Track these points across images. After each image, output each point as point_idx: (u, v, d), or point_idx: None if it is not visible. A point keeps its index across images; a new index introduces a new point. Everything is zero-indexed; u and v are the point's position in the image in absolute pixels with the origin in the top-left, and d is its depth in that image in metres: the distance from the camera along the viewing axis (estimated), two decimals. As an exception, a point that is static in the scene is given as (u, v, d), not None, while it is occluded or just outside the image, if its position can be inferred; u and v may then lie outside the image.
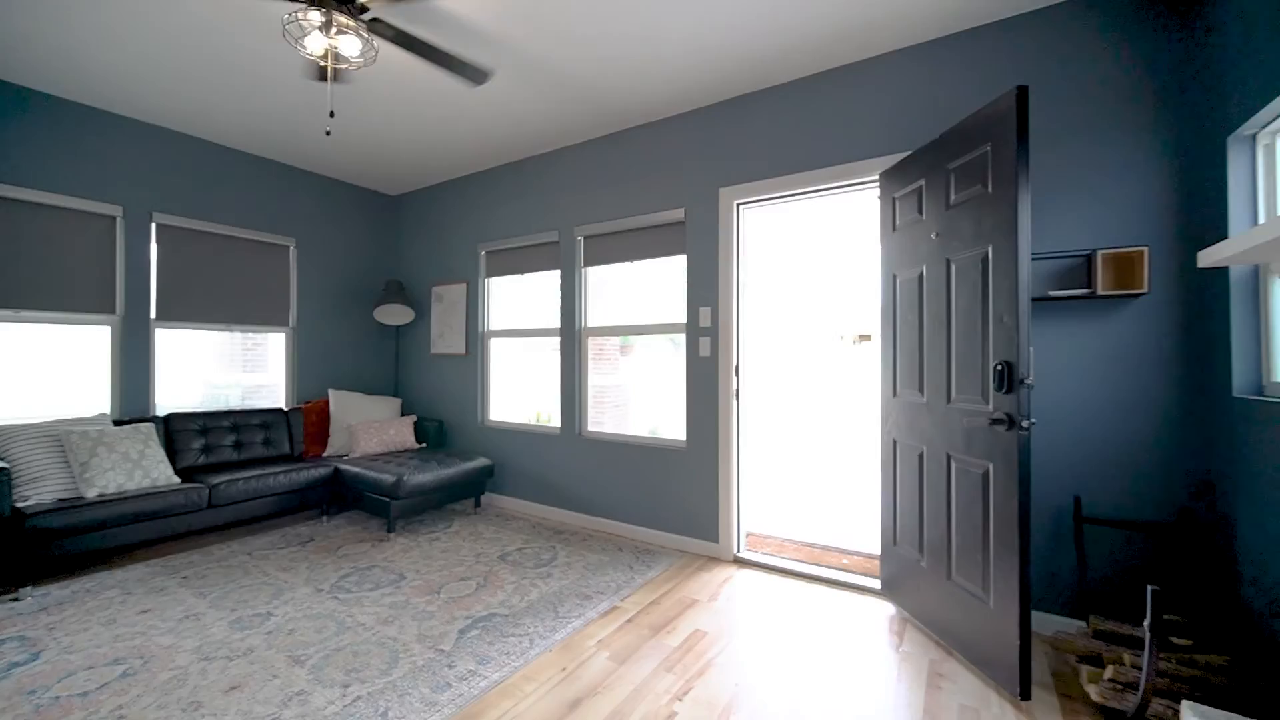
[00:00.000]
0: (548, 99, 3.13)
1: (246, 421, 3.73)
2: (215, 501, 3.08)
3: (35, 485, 2.68)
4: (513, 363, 4.38)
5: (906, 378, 2.40)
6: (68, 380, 3.31)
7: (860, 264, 7.76)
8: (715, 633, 2.29)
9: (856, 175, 2.72)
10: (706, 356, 3.16)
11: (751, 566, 2.99)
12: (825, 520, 3.84)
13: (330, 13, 2.03)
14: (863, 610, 2.49)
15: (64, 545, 2.61)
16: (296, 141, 3.78)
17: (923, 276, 2.29)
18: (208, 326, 3.84)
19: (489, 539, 3.37)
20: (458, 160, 4.11)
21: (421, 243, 4.76)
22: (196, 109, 3.31)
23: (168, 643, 2.15)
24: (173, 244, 3.65)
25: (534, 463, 3.94)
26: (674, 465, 3.28)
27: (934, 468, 2.22)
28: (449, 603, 2.50)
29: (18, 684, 1.88)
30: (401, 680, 1.92)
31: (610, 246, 3.62)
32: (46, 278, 3.17)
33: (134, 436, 3.04)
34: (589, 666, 2.04)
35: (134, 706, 1.77)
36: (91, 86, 3.05)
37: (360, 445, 3.95)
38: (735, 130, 3.09)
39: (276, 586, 2.66)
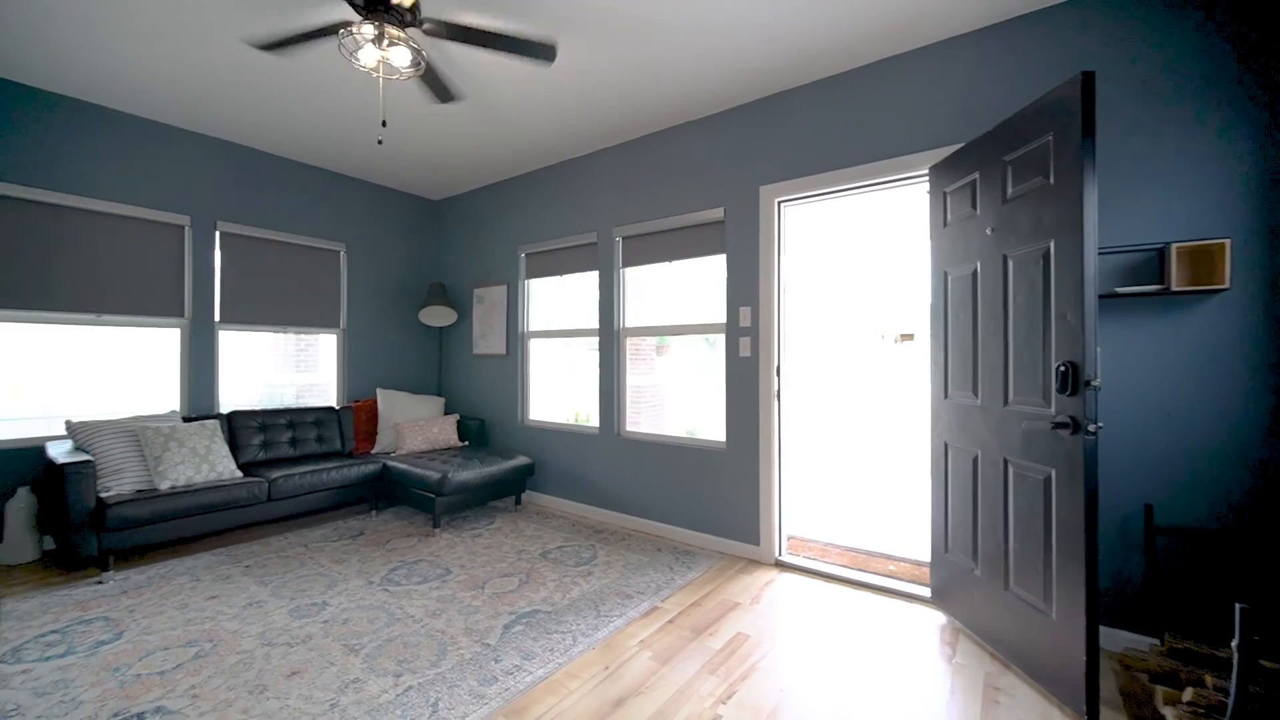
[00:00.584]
0: (588, 102, 3.15)
1: (301, 419, 3.91)
2: (274, 495, 3.24)
3: (115, 477, 2.88)
4: (551, 363, 4.44)
5: (959, 379, 2.31)
6: (142, 379, 3.54)
7: (902, 261, 7.53)
8: (758, 636, 2.26)
9: (903, 170, 2.64)
10: (747, 357, 3.12)
11: (793, 570, 2.94)
12: (869, 525, 3.74)
13: (383, 26, 2.11)
14: (912, 618, 2.41)
15: (141, 533, 2.80)
16: (347, 151, 3.94)
17: (976, 273, 2.20)
18: (265, 328, 4.04)
19: (530, 536, 3.42)
20: (497, 165, 4.19)
21: (463, 246, 4.88)
22: (256, 122, 3.48)
23: (234, 628, 2.27)
24: (234, 251, 3.86)
25: (573, 462, 3.98)
26: (713, 466, 3.25)
27: (989, 472, 2.13)
28: (493, 598, 2.55)
29: (104, 661, 2.02)
30: (450, 672, 1.97)
31: (648, 247, 3.62)
32: (123, 284, 3.40)
33: (201, 433, 3.22)
34: (631, 666, 2.05)
35: (206, 687, 1.87)
36: (162, 104, 3.25)
37: (406, 443, 4.08)
38: (776, 127, 3.04)
39: (330, 578, 2.78)
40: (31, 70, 2.88)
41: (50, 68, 2.85)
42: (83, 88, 3.07)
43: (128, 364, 3.49)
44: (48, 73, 2.90)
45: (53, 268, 3.16)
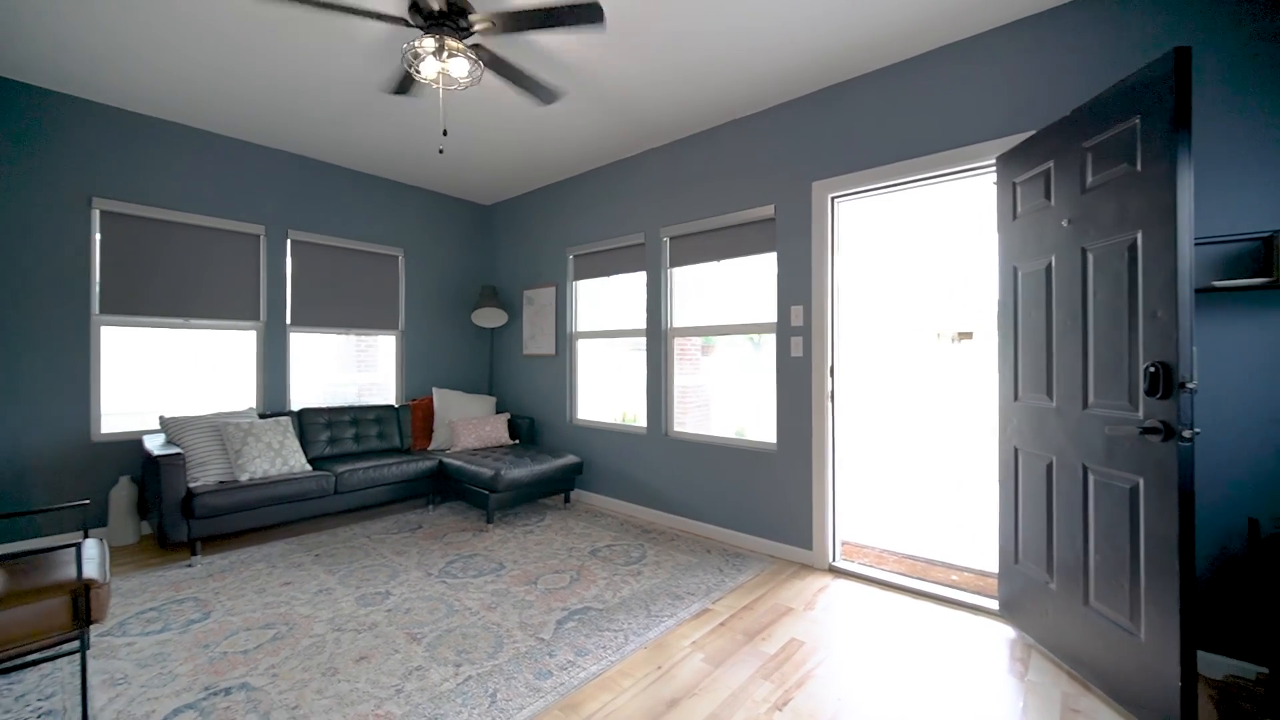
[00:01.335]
0: (635, 102, 3.17)
1: (364, 416, 4.11)
2: (340, 488, 3.42)
3: (202, 469, 3.11)
4: (599, 363, 4.49)
5: (1031, 380, 2.18)
6: (223, 378, 3.81)
7: (960, 257, 7.20)
8: (813, 643, 2.21)
9: (966, 161, 2.52)
10: (799, 357, 3.05)
11: (848, 577, 2.85)
12: (927, 532, 3.59)
13: (443, 38, 2.19)
14: (978, 631, 2.29)
15: (223, 521, 3.01)
16: (404, 160, 4.11)
17: (1051, 268, 2.07)
18: (330, 330, 4.27)
19: (579, 534, 3.47)
20: (546, 168, 4.27)
21: (513, 249, 5.00)
22: (326, 136, 3.69)
23: (306, 613, 2.41)
24: (303, 257, 4.10)
25: (621, 461, 4.01)
26: (764, 468, 3.20)
27: (1066, 480, 2.00)
28: (546, 594, 2.60)
29: (195, 638, 2.19)
30: (507, 664, 2.02)
31: (697, 246, 3.60)
32: (207, 290, 3.67)
33: (275, 429, 3.44)
34: (684, 667, 2.04)
35: (284, 667, 2.00)
36: (239, 121, 3.49)
37: (460, 440, 4.22)
38: (828, 121, 2.96)
39: (392, 568, 2.91)
40: (141, 98, 3.15)
41: (153, 95, 3.11)
42: (178, 111, 3.33)
43: (211, 364, 3.77)
44: (149, 99, 3.17)
45: (150, 277, 3.45)
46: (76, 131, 3.17)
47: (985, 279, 7.73)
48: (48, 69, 2.86)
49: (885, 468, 5.88)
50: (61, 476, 3.14)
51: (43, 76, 2.95)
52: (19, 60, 2.78)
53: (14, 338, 3.00)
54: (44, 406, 3.08)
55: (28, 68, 2.85)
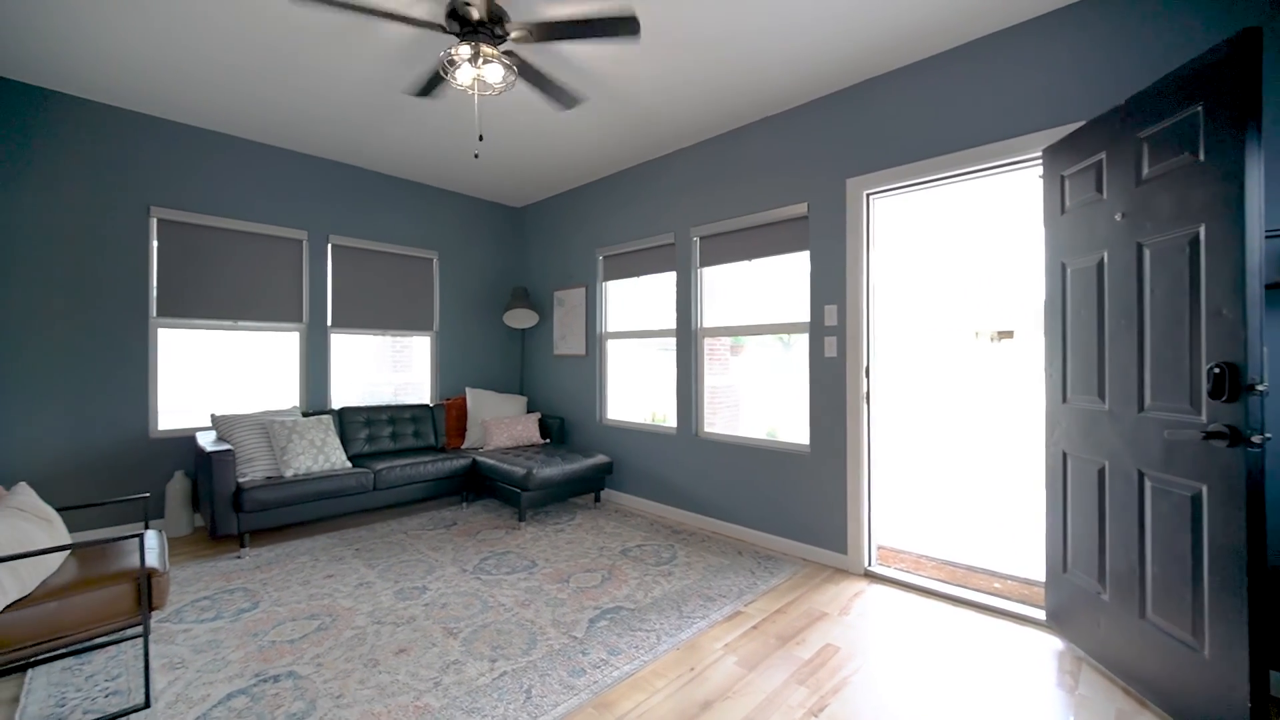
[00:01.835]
0: (668, 104, 3.16)
1: (400, 415, 4.22)
2: (379, 485, 3.52)
3: (250, 465, 3.25)
4: (628, 363, 4.50)
5: (1080, 381, 2.09)
6: (268, 378, 3.97)
7: (999, 253, 6.96)
8: (849, 649, 2.17)
9: (1009, 154, 2.43)
10: (833, 357, 3.00)
11: (885, 582, 2.79)
12: (967, 538, 3.48)
13: (478, 45, 2.23)
14: (1023, 642, 2.21)
15: (270, 515, 3.14)
16: (439, 165, 4.21)
17: (1103, 264, 1.98)
18: (369, 331, 4.39)
19: (610, 533, 3.48)
20: (576, 170, 4.31)
21: (544, 250, 5.06)
22: (365, 143, 3.80)
23: (348, 605, 2.49)
24: (343, 261, 4.23)
25: (651, 461, 4.01)
26: (796, 470, 3.16)
27: (1120, 486, 1.91)
28: (578, 592, 2.62)
29: (245, 626, 2.28)
30: (541, 661, 2.04)
31: (727, 245, 3.57)
32: (254, 293, 3.83)
33: (317, 427, 3.56)
34: (717, 669, 2.03)
35: (328, 656, 2.07)
36: (283, 130, 3.63)
37: (493, 439, 4.29)
38: (863, 117, 2.90)
39: (429, 564, 2.98)
40: (194, 111, 3.31)
41: (206, 108, 3.27)
42: (227, 122, 3.48)
43: (257, 364, 3.93)
44: (202, 112, 3.33)
45: (202, 281, 3.62)
46: (136, 144, 3.35)
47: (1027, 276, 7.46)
48: (109, 86, 3.03)
49: (922, 471, 5.73)
50: (122, 471, 3.33)
51: (104, 93, 3.12)
52: (83, 79, 2.95)
53: (81, 340, 3.19)
54: (107, 404, 3.27)
55: (91, 85, 3.03)
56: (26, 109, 3.02)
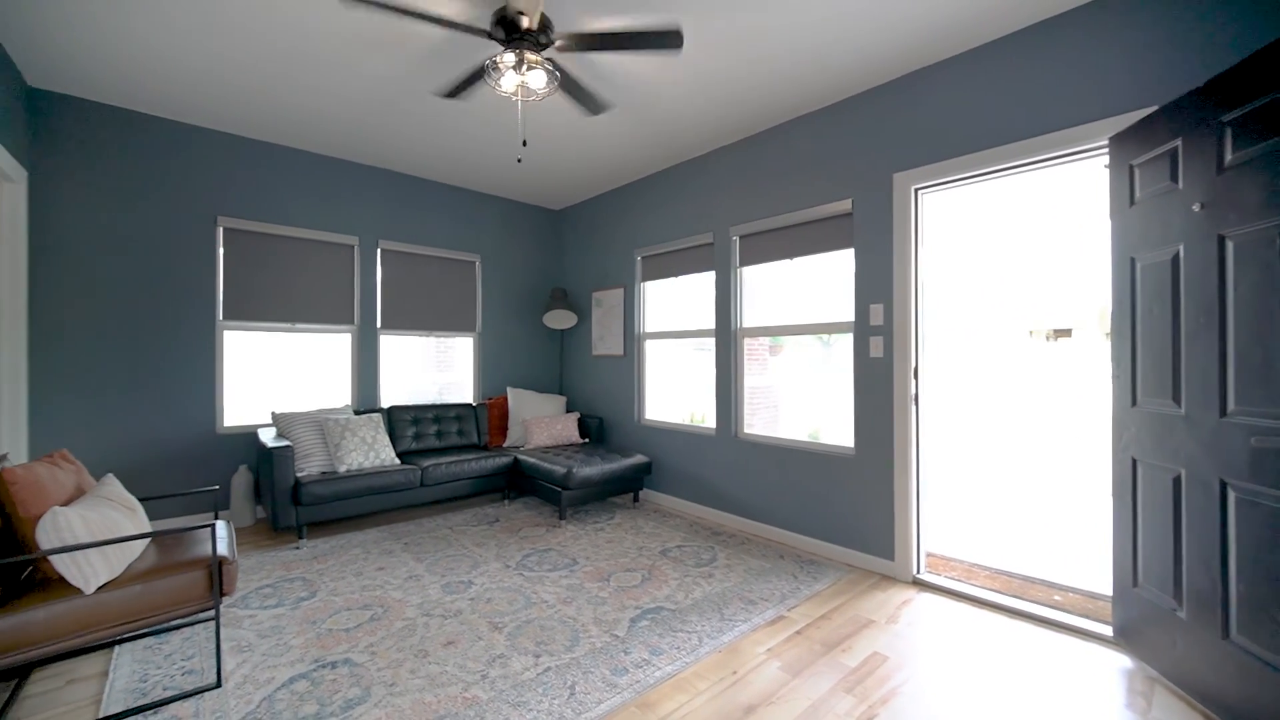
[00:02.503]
0: (708, 103, 3.15)
1: (445, 414, 4.35)
2: (425, 481, 3.64)
3: (306, 460, 3.41)
4: (666, 363, 4.50)
5: (1153, 383, 1.96)
6: (323, 378, 4.16)
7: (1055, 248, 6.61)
8: (898, 659, 2.10)
9: (1070, 144, 2.31)
10: (879, 357, 2.92)
11: (934, 591, 2.69)
12: (1024, 547, 3.32)
13: (522, 52, 2.27)
14: (1087, 659, 2.09)
15: (326, 509, 3.29)
16: (482, 169, 4.31)
17: (1178, 258, 1.86)
18: (415, 332, 4.54)
19: (649, 534, 3.49)
20: (614, 172, 4.34)
21: (582, 252, 5.12)
22: (412, 150, 3.94)
23: (398, 597, 2.58)
24: (391, 265, 4.39)
25: (689, 462, 3.99)
26: (841, 473, 3.08)
27: (1198, 496, 1.78)
28: (618, 591, 2.64)
29: (304, 614, 2.40)
30: (584, 658, 2.07)
31: (768, 244, 3.53)
32: (309, 297, 4.02)
33: (368, 424, 3.71)
34: (760, 674, 2.00)
35: (381, 646, 2.15)
36: (336, 140, 3.79)
37: (533, 438, 4.37)
38: (911, 110, 2.81)
39: (473, 559, 3.05)
40: (256, 125, 3.51)
41: (266, 122, 3.46)
42: (286, 134, 3.67)
43: (312, 364, 4.12)
44: (263, 125, 3.52)
45: (263, 285, 3.82)
46: (205, 158, 3.57)
47: (1086, 272, 7.06)
48: (179, 104, 3.24)
49: (973, 476, 5.50)
50: (192, 464, 3.55)
51: (174, 110, 3.34)
52: (155, 97, 3.17)
53: (155, 342, 3.42)
54: (179, 402, 3.50)
55: (163, 104, 3.25)
56: (106, 128, 3.26)
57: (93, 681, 1.94)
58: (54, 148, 3.12)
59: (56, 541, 1.65)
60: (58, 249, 3.13)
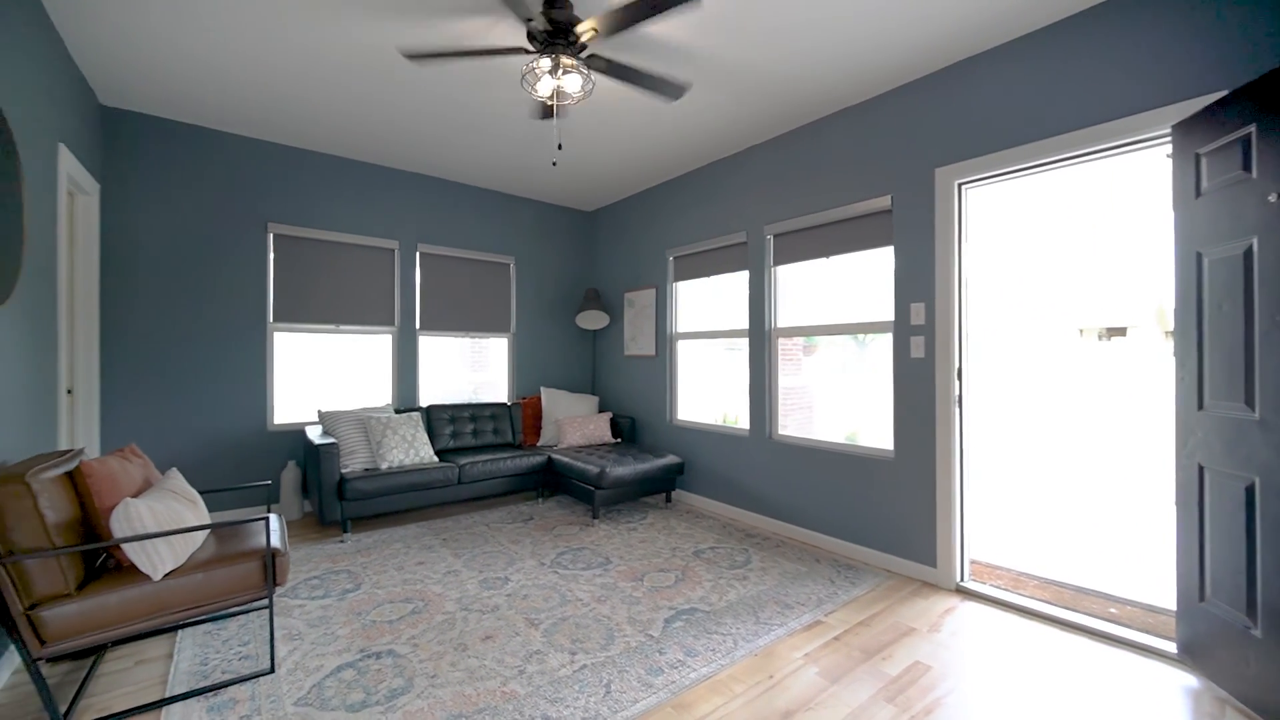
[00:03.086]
0: (740, 102, 3.12)
1: (481, 413, 4.44)
2: (463, 479, 3.72)
3: (351, 457, 3.54)
4: (698, 363, 4.48)
5: (1222, 386, 1.85)
6: (365, 377, 4.30)
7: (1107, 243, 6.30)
8: (941, 669, 2.04)
9: (1129, 133, 2.19)
10: (920, 358, 2.83)
11: (979, 599, 2.60)
12: (1075, 556, 3.17)
13: (558, 57, 2.30)
14: (1148, 677, 1.98)
15: (369, 504, 3.40)
16: (516, 173, 4.39)
17: (1251, 252, 1.74)
18: (452, 333, 4.65)
19: (681, 534, 3.48)
20: (646, 173, 4.35)
21: (614, 252, 5.14)
22: (449, 156, 4.04)
23: (438, 591, 2.65)
24: (430, 268, 4.51)
25: (722, 463, 3.97)
26: (879, 476, 3.01)
27: (1274, 507, 1.67)
28: (652, 591, 2.64)
29: (350, 605, 2.49)
30: (619, 657, 2.08)
31: (803, 243, 3.47)
32: (352, 300, 4.16)
33: (408, 423, 3.82)
34: (798, 679, 1.97)
35: (423, 638, 2.21)
36: (378, 148, 3.92)
37: (566, 438, 4.41)
38: (953, 102, 2.72)
39: (509, 556, 3.11)
40: (302, 135, 3.67)
41: (312, 132, 3.60)
42: (331, 143, 3.82)
43: (355, 364, 4.27)
44: (309, 135, 3.67)
45: (309, 288, 3.98)
46: (256, 167, 3.75)
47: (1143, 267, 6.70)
48: (234, 116, 3.41)
49: (1021, 481, 5.29)
50: (244, 459, 3.73)
51: (228, 123, 3.51)
52: (212, 111, 3.34)
53: (212, 342, 3.61)
54: (233, 400, 3.68)
55: (220, 117, 3.42)
56: (169, 142, 3.46)
57: (159, 663, 2.06)
58: (122, 161, 3.32)
59: (128, 531, 1.76)
60: (125, 256, 3.34)
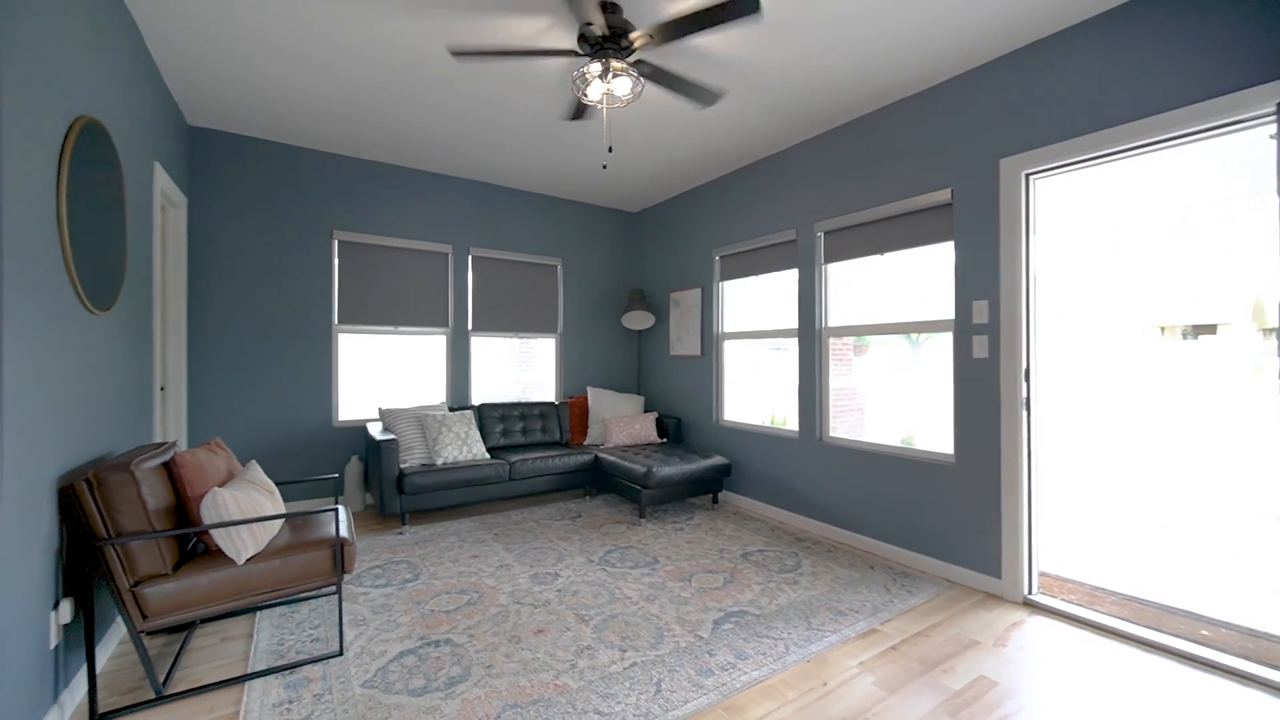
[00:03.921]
0: (793, 95, 3.07)
1: (529, 412, 4.54)
2: (513, 476, 3.82)
3: (409, 453, 3.70)
4: (745, 364, 4.43)
5: (1336, 388, 1.67)
6: (421, 376, 4.48)
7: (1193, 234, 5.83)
8: (1008, 685, 1.94)
9: (1221, 114, 2.02)
10: (983, 358, 2.70)
11: (1049, 614, 2.45)
12: (1158, 571, 2.94)
13: (608, 61, 2.33)
14: (1249, 707, 1.82)
15: (425, 498, 3.54)
16: (564, 177, 4.47)
17: (1373, 241, 1.57)
18: (501, 334, 4.78)
19: (729, 536, 3.45)
20: (692, 172, 4.33)
21: (660, 253, 5.15)
22: (499, 162, 4.16)
23: (491, 584, 2.73)
24: (481, 270, 4.65)
25: (770, 465, 3.91)
26: (938, 481, 2.89)
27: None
28: (700, 592, 2.64)
29: (410, 595, 2.60)
30: (668, 656, 2.08)
31: (855, 239, 3.37)
32: (409, 302, 4.35)
33: (462, 420, 3.95)
34: (853, 687, 1.92)
35: (478, 629, 2.29)
36: (433, 156, 4.08)
37: (612, 437, 4.46)
38: (1023, 87, 2.57)
39: (559, 552, 3.17)
40: (364, 146, 3.87)
41: (373, 143, 3.79)
42: (389, 153, 4.01)
43: (412, 364, 4.46)
44: (370, 146, 3.86)
45: (370, 292, 4.19)
46: (322, 178, 3.98)
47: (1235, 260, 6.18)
48: (302, 130, 3.63)
49: (1096, 490, 4.96)
50: (312, 453, 3.96)
51: (299, 136, 3.74)
52: (283, 126, 3.56)
53: (285, 343, 3.85)
54: (302, 398, 3.91)
55: (289, 131, 3.65)
56: (245, 157, 3.72)
57: (241, 641, 2.21)
58: (206, 176, 3.60)
59: (215, 518, 1.91)
60: (209, 264, 3.61)
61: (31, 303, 1.56)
